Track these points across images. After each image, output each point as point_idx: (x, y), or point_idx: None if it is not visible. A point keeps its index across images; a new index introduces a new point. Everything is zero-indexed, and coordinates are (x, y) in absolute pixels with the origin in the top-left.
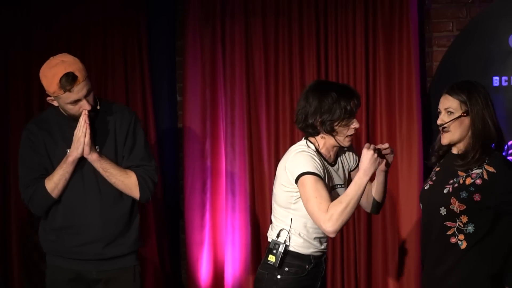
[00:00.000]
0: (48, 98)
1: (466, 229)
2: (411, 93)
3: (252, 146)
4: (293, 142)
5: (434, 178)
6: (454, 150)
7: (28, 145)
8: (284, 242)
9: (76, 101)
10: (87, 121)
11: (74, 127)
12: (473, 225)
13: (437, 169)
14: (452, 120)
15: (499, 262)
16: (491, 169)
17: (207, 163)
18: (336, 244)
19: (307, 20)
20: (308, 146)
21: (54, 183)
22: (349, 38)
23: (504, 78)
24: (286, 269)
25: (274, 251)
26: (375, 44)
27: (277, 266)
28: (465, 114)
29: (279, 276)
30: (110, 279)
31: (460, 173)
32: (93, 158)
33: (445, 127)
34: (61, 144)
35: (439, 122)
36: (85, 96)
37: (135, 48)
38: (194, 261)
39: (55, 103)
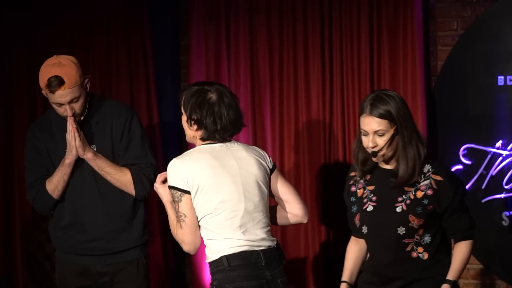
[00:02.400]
0: (42, 91)
1: (423, 241)
2: (415, 92)
3: (256, 144)
4: (297, 139)
5: (373, 197)
6: (385, 165)
7: (30, 146)
8: None
9: (60, 104)
10: (74, 125)
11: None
12: (429, 235)
13: (371, 187)
14: (388, 141)
15: None
16: (438, 178)
17: None
18: (338, 245)
19: (312, 19)
20: None
21: (54, 184)
22: (354, 37)
23: (508, 77)
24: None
25: None
26: (380, 43)
27: None
28: (396, 132)
29: None
30: (115, 271)
31: (407, 188)
32: (88, 157)
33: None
34: (61, 145)
35: (371, 145)
36: (70, 102)
37: (139, 46)
38: (198, 260)
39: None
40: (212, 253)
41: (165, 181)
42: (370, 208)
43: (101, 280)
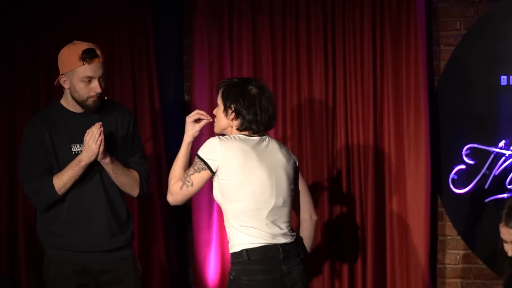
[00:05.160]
0: (60, 77)
1: None
2: (418, 92)
3: None
4: (300, 140)
5: None
6: None
7: (33, 140)
8: None
9: (90, 79)
10: (102, 135)
11: (80, 121)
12: None
13: None
14: None
15: None
16: None
17: None
18: (343, 245)
19: (315, 19)
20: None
21: (63, 182)
22: (357, 37)
23: (511, 77)
24: None
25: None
26: (383, 42)
27: None
28: None
29: None
30: (113, 269)
31: None
32: (106, 162)
33: None
34: (66, 140)
35: (510, 254)
36: (99, 77)
37: (142, 46)
38: (201, 260)
39: (66, 85)
40: (234, 245)
41: (197, 121)
42: None
43: (101, 278)
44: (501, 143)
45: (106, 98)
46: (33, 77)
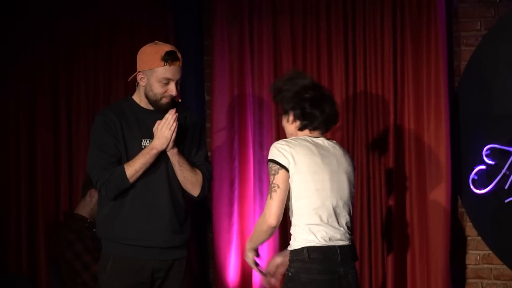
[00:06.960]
0: (138, 73)
1: None
2: (439, 92)
3: None
4: None
5: None
6: None
7: (105, 128)
8: None
9: (168, 81)
10: (176, 120)
11: (150, 118)
12: None
13: None
14: None
15: None
16: None
17: (235, 163)
18: (364, 246)
19: (335, 19)
20: None
21: (135, 170)
22: (377, 37)
23: None
24: None
25: None
26: (403, 43)
27: None
28: None
29: None
30: (168, 267)
31: None
32: (173, 152)
33: None
34: (136, 134)
35: None
36: (177, 81)
37: None
38: (222, 261)
39: (143, 82)
40: (296, 242)
41: None
42: None
43: (156, 276)
44: None
45: (180, 100)
46: (53, 75)
